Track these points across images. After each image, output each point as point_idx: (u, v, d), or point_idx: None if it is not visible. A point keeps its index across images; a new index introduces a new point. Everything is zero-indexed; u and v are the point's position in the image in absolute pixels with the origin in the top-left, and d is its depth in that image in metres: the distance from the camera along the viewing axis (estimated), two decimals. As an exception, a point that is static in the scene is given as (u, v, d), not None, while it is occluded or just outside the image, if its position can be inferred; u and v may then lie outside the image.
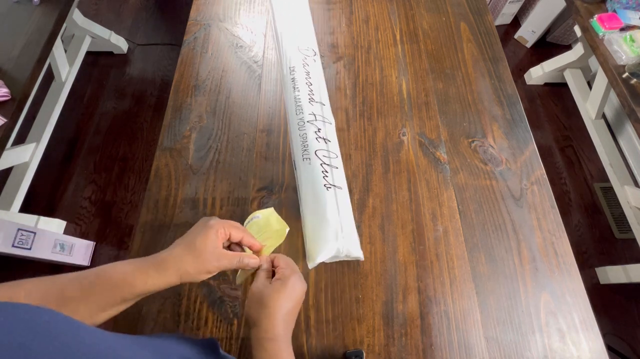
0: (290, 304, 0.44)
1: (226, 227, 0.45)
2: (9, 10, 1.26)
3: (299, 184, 0.73)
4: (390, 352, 0.60)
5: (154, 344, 0.34)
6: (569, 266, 0.69)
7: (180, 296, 0.63)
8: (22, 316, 0.21)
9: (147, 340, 0.36)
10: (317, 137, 0.75)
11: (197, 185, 0.74)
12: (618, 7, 1.35)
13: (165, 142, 0.79)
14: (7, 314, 0.21)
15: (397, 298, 0.64)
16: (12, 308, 0.21)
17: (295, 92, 0.81)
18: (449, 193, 0.75)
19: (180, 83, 0.87)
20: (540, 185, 0.77)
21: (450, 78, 0.91)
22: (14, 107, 1.08)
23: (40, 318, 0.22)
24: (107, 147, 1.75)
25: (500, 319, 0.64)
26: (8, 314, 0.21)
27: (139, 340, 0.33)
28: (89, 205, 1.60)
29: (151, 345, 0.32)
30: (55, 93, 1.69)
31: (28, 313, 0.21)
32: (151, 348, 0.31)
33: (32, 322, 0.21)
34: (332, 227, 0.64)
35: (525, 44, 2.19)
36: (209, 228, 0.44)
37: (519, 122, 0.86)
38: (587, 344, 0.62)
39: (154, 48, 2.09)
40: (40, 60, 1.20)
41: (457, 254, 0.69)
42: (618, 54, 1.26)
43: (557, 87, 2.01)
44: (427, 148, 0.81)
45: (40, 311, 0.22)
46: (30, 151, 1.50)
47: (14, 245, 1.19)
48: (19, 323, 0.20)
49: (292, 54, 0.87)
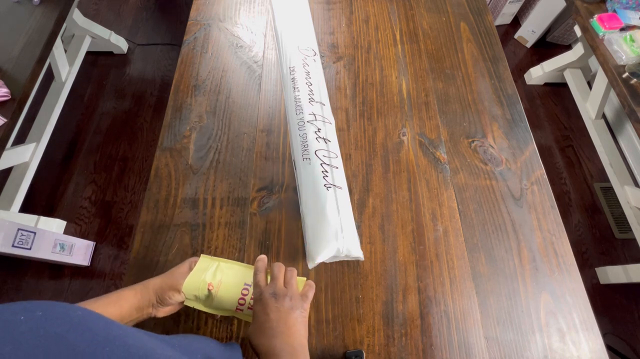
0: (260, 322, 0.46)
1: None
2: (9, 10, 1.26)
3: (299, 184, 0.73)
4: (390, 352, 0.60)
5: (179, 342, 0.37)
6: (569, 266, 0.69)
7: (180, 296, 0.63)
8: (59, 311, 0.24)
9: (172, 339, 0.39)
10: (317, 137, 0.75)
11: (197, 185, 0.74)
12: (618, 7, 1.35)
13: (165, 142, 0.79)
14: (45, 308, 0.24)
15: (397, 298, 0.64)
16: (50, 304, 0.25)
17: (295, 92, 0.81)
18: (449, 193, 0.75)
19: (180, 83, 0.87)
20: (540, 185, 0.77)
21: (450, 78, 0.91)
22: (14, 107, 1.08)
23: (74, 313, 0.25)
24: (107, 147, 1.75)
25: (500, 319, 0.64)
26: (46, 309, 0.24)
27: (164, 338, 0.36)
28: (89, 205, 1.60)
29: (177, 343, 0.35)
30: (55, 93, 1.69)
31: (64, 308, 0.25)
32: (177, 345, 0.33)
33: (67, 316, 0.24)
34: (332, 227, 0.64)
35: (525, 44, 2.19)
36: (184, 262, 0.54)
37: (519, 122, 0.86)
38: (587, 344, 0.62)
39: (154, 48, 2.09)
40: (40, 60, 1.19)
41: (457, 254, 0.69)
42: (618, 54, 1.26)
43: (557, 87, 2.01)
44: (427, 148, 0.81)
45: (75, 307, 0.25)
46: (30, 151, 1.50)
47: (14, 245, 1.19)
48: (55, 316, 0.24)
49: (292, 54, 0.87)
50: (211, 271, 0.54)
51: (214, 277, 0.53)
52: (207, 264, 0.55)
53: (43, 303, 0.24)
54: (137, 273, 0.65)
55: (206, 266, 0.55)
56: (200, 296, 0.52)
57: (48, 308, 0.24)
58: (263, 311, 0.46)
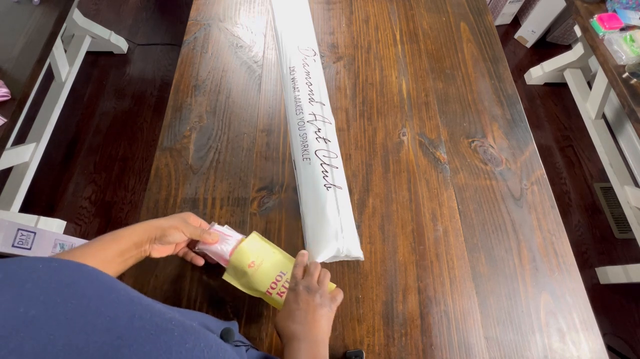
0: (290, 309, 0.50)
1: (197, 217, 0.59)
2: (9, 10, 1.26)
3: (299, 184, 0.73)
4: (390, 352, 0.60)
5: (177, 309, 0.40)
6: (569, 266, 0.69)
7: (180, 296, 0.63)
8: (71, 264, 0.28)
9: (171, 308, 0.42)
10: (317, 137, 0.75)
11: (197, 185, 0.74)
12: (618, 7, 1.35)
13: (165, 142, 0.79)
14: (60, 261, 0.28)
15: (397, 298, 0.64)
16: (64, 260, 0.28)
17: (295, 92, 0.81)
18: (449, 193, 0.75)
19: (180, 83, 0.87)
20: (540, 185, 0.77)
21: (450, 78, 0.91)
22: (14, 107, 1.08)
23: (85, 268, 0.29)
24: (107, 147, 1.75)
25: (500, 319, 0.64)
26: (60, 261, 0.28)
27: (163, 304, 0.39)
28: (89, 205, 1.60)
29: (175, 309, 0.38)
30: (55, 93, 1.69)
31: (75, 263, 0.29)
32: (175, 310, 0.36)
33: (78, 268, 0.28)
34: (332, 227, 0.64)
35: (525, 44, 2.19)
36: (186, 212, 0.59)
37: (519, 122, 0.86)
38: (587, 344, 0.62)
39: (154, 48, 2.09)
40: (40, 60, 1.19)
41: (457, 254, 0.69)
42: (618, 54, 1.26)
43: (557, 87, 2.01)
44: (427, 148, 0.81)
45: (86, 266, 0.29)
46: (30, 151, 1.50)
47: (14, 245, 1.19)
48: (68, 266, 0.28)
49: (292, 54, 0.87)
50: (255, 250, 0.58)
51: (257, 256, 0.58)
52: (255, 241, 0.60)
53: (58, 258, 0.29)
54: (137, 273, 0.65)
55: (254, 243, 0.59)
56: (239, 270, 0.56)
57: (62, 261, 0.28)
58: (294, 300, 0.50)
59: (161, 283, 0.64)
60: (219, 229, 0.61)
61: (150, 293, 0.63)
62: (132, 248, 0.49)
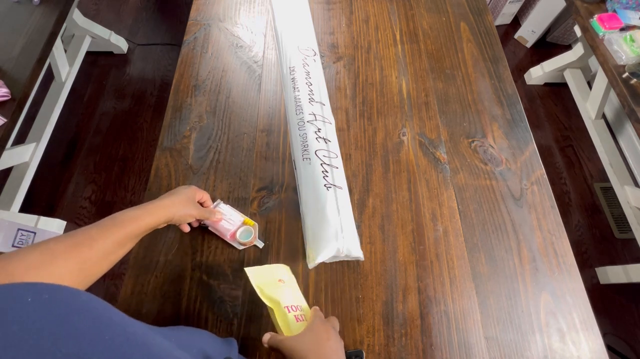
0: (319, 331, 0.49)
1: (201, 190, 0.65)
2: (9, 10, 1.26)
3: (299, 184, 0.73)
4: (390, 352, 0.60)
5: (175, 335, 0.39)
6: (569, 266, 0.69)
7: (180, 295, 0.63)
8: (65, 294, 0.26)
9: (169, 331, 0.41)
10: (317, 137, 0.75)
11: (197, 185, 0.74)
12: (618, 7, 1.35)
13: (165, 142, 0.79)
14: (52, 292, 0.25)
15: (397, 298, 0.64)
16: (56, 288, 0.26)
17: (295, 92, 0.81)
18: (449, 193, 0.75)
19: (180, 83, 0.87)
20: (540, 185, 0.77)
21: (450, 78, 0.91)
22: (14, 107, 1.08)
23: (79, 298, 0.26)
24: (107, 147, 1.75)
25: (500, 319, 0.64)
26: (52, 292, 0.25)
27: (161, 330, 0.38)
28: (89, 205, 1.60)
29: (173, 336, 0.37)
30: (55, 93, 1.69)
31: (69, 292, 0.26)
32: (173, 338, 0.35)
33: (72, 300, 0.26)
34: (332, 227, 0.64)
35: (525, 44, 2.19)
36: (191, 188, 0.63)
37: (519, 122, 0.86)
38: (587, 344, 0.62)
39: (154, 48, 2.09)
40: (40, 60, 1.19)
41: (457, 254, 0.69)
42: (618, 54, 1.26)
43: (557, 87, 2.01)
44: (427, 148, 0.81)
45: (80, 292, 0.27)
46: (30, 151, 1.50)
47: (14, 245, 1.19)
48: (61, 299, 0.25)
49: (292, 54, 0.87)
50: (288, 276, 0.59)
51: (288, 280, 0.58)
52: (290, 272, 0.60)
53: (50, 286, 0.26)
54: (137, 273, 0.65)
55: (289, 272, 0.60)
56: (267, 276, 0.56)
57: (54, 291, 0.26)
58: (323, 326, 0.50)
59: (161, 283, 0.64)
60: (224, 209, 0.68)
61: (150, 293, 0.63)
62: (144, 232, 0.51)
